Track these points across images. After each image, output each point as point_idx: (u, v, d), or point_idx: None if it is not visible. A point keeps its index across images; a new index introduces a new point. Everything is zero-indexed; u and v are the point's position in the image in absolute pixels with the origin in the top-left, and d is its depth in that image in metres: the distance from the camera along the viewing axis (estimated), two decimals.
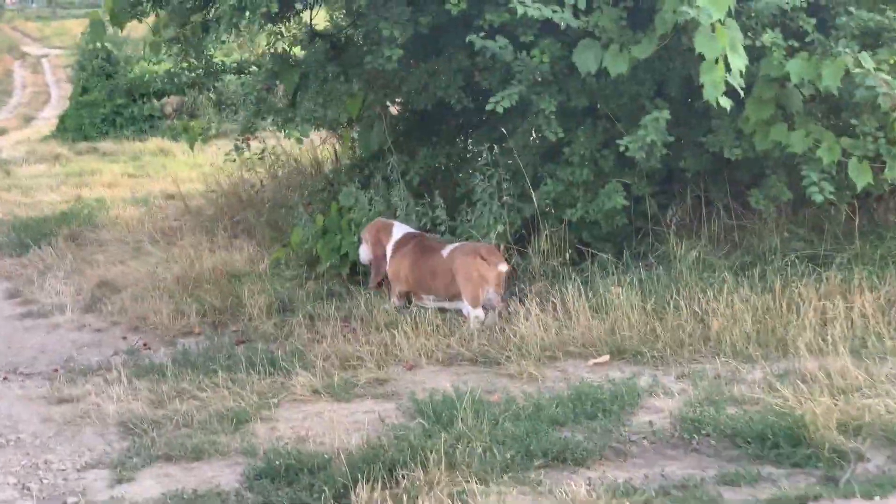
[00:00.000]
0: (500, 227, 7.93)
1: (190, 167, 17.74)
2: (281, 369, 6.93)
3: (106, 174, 17.35)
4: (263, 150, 8.97)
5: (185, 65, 9.23)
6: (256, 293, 8.38)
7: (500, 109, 7.14)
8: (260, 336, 7.88)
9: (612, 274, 7.53)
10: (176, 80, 9.61)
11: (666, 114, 6.94)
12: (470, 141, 8.86)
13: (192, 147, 9.63)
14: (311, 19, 9.72)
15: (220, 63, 9.33)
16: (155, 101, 21.33)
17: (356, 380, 6.69)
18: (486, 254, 7.49)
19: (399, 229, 8.14)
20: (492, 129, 8.62)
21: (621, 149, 7.01)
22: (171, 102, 23.54)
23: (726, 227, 7.95)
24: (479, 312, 7.47)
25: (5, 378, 7.42)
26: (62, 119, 23.07)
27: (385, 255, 8.07)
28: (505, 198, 8.00)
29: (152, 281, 9.38)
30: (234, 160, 8.53)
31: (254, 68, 9.52)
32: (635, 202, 7.97)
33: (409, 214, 8.29)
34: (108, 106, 22.80)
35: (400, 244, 8.02)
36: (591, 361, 6.71)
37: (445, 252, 7.70)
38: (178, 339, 8.12)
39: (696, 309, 6.96)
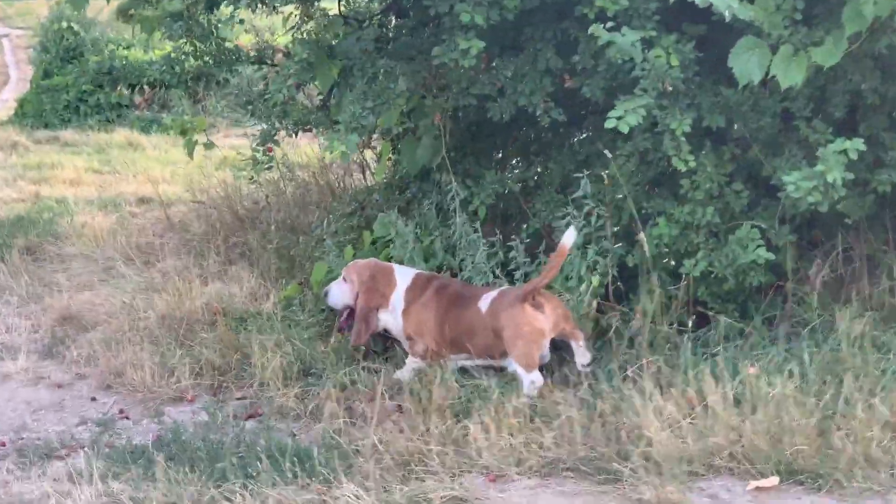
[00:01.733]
0: (594, 280, 6.08)
1: (163, 164, 15.73)
2: (316, 473, 5.01)
3: (68, 169, 15.23)
4: (271, 159, 6.92)
5: (188, 49, 7.18)
6: (268, 349, 6.44)
7: (624, 128, 5.27)
8: (276, 411, 5.97)
9: (753, 349, 5.70)
10: (177, 68, 7.53)
11: (859, 143, 5.10)
12: (550, 163, 6.91)
13: (190, 154, 7.65)
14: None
15: (236, 50, 7.27)
16: (125, 89, 19.13)
17: (425, 498, 4.78)
18: (535, 299, 5.72)
19: (404, 273, 6.39)
20: (574, 151, 6.77)
21: (790, 188, 5.14)
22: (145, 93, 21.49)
23: (893, 290, 6.12)
24: (537, 377, 5.72)
25: None
26: (21, 104, 20.97)
27: (381, 307, 6.33)
28: (603, 242, 6.15)
29: (129, 318, 7.42)
30: (253, 178, 6.51)
31: (279, 56, 7.45)
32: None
33: (472, 255, 6.41)
34: (71, 92, 20.77)
35: (413, 292, 6.28)
36: (753, 485, 4.83)
37: (483, 304, 5.90)
38: (166, 408, 6.20)
39: (883, 408, 5.10)
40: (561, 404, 5.43)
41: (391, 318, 6.34)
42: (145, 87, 19.98)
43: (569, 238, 5.76)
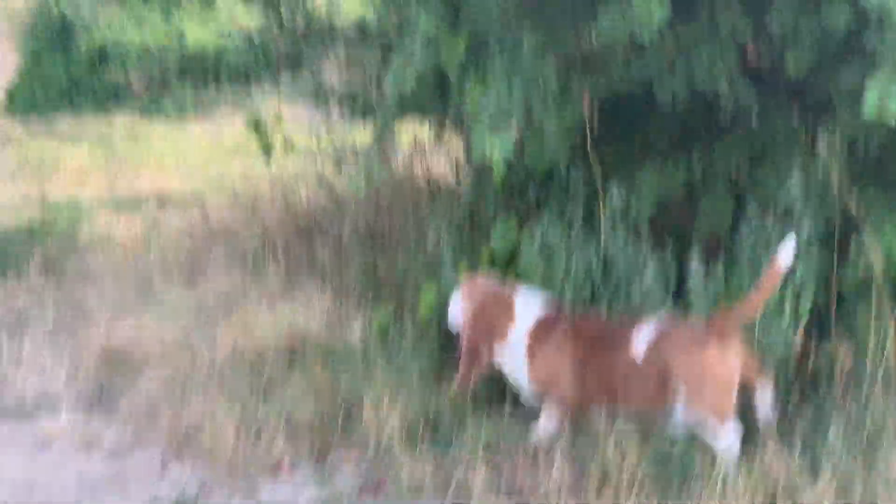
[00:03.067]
0: (805, 303, 4.78)
1: (176, 157, 14.41)
2: None
3: (71, 162, 13.89)
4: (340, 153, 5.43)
5: (275, 24, 5.70)
6: (381, 398, 5.12)
7: (890, 120, 3.93)
8: (407, 487, 4.64)
9: None
10: (260, 51, 6.08)
11: None
12: (714, 156, 5.54)
13: (268, 156, 6.19)
14: None
15: (328, 21, 5.77)
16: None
17: None
18: (721, 335, 4.42)
19: (529, 304, 5.01)
20: (750, 140, 5.43)
21: None
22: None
23: None
24: (734, 440, 4.39)
25: None
26: (11, 93, 19.52)
27: (493, 343, 5.01)
28: (811, 255, 4.85)
29: (190, 356, 6.08)
30: (361, 192, 5.12)
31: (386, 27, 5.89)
32: None
33: (638, 276, 5.10)
34: (64, 77, 19.45)
35: (543, 330, 4.90)
36: None
37: (640, 344, 4.57)
38: (259, 484, 4.86)
39: None
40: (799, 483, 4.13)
41: (508, 358, 5.01)
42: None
43: (787, 252, 4.45)
